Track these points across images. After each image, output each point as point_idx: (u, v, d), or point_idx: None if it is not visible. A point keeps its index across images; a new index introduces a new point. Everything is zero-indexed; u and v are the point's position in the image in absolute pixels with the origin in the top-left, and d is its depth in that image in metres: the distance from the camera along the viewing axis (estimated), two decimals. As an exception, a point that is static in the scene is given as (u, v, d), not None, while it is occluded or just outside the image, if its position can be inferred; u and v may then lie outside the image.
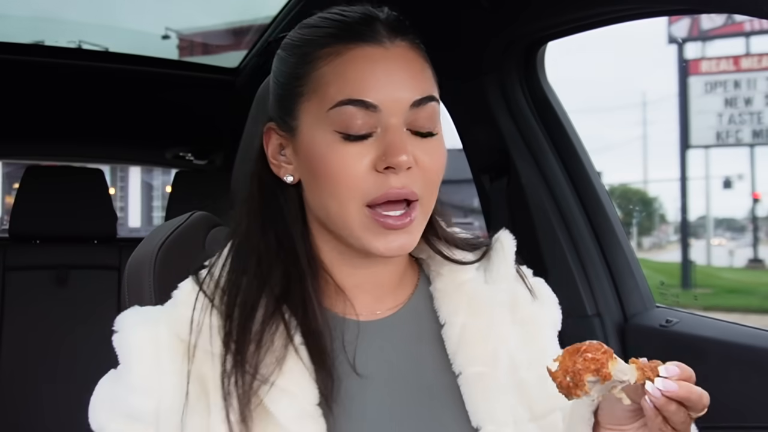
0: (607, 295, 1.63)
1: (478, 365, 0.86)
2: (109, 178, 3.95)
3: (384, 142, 0.80)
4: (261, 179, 0.89)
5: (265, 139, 0.89)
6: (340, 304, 0.88)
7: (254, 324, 0.82)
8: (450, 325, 0.89)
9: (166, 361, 0.81)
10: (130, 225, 17.99)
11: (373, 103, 0.80)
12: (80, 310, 2.43)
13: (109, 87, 2.43)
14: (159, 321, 0.83)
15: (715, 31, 17.71)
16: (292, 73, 0.86)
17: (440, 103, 0.86)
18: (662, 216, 28.02)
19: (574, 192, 1.67)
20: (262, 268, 0.85)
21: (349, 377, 0.84)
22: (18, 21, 2.66)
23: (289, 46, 0.89)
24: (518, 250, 0.97)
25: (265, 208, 0.88)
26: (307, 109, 0.84)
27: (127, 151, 3.28)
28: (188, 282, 0.87)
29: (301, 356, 0.81)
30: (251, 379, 0.79)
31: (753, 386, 1.32)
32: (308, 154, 0.83)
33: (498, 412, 0.84)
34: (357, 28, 0.84)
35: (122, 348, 0.82)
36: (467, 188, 2.06)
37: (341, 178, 0.80)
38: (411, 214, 0.82)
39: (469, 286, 0.91)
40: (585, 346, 0.75)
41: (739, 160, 35.80)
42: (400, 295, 0.92)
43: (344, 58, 0.82)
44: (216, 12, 3.01)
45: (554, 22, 1.51)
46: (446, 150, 0.87)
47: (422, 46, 0.88)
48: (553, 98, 1.70)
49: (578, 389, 0.74)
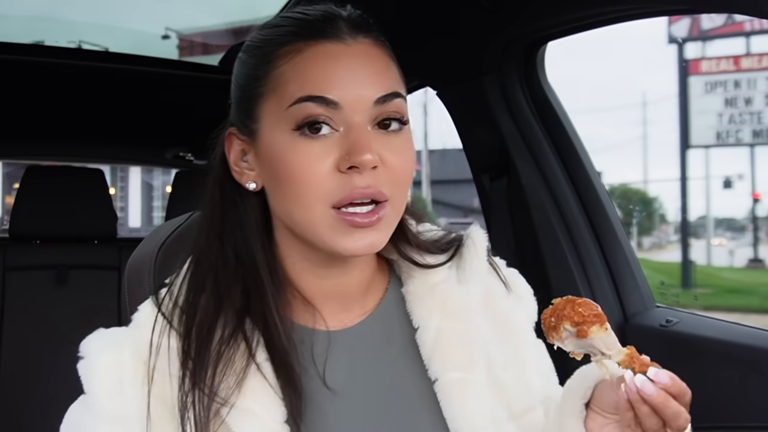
0: (607, 295, 1.63)
1: (454, 371, 0.84)
2: (109, 178, 3.95)
3: (347, 141, 0.77)
4: (222, 187, 0.86)
5: (227, 145, 0.86)
6: (309, 316, 0.86)
7: (212, 344, 0.79)
8: (424, 330, 0.87)
9: (130, 386, 0.79)
10: (130, 225, 18.00)
11: (334, 100, 0.77)
12: (80, 310, 2.43)
13: (109, 87, 2.42)
14: (123, 345, 0.81)
15: (715, 31, 17.71)
16: (251, 74, 0.83)
17: (406, 100, 0.83)
18: (662, 216, 28.05)
19: (574, 192, 1.67)
20: (219, 286, 0.82)
21: (319, 391, 0.81)
22: (18, 21, 2.67)
23: (250, 47, 0.86)
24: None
25: (226, 219, 0.85)
26: (266, 109, 0.81)
27: (127, 151, 3.28)
28: (148, 303, 0.85)
29: (264, 374, 0.79)
30: (209, 401, 0.77)
31: (753, 386, 1.32)
32: (269, 157, 0.80)
33: (477, 417, 0.83)
34: (318, 25, 0.81)
35: (87, 375, 0.80)
36: (467, 188, 2.06)
37: (304, 179, 0.77)
38: (379, 212, 0.78)
39: (442, 288, 0.89)
40: (581, 300, 0.77)
41: (739, 160, 35.84)
42: (369, 301, 0.89)
43: (304, 55, 0.79)
44: (216, 12, 3.01)
45: (554, 22, 1.51)
46: (415, 148, 0.84)
47: (387, 43, 0.85)
48: (553, 98, 1.70)
49: (555, 332, 0.76)
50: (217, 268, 0.83)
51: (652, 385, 0.72)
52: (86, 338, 0.82)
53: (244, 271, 0.83)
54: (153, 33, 2.94)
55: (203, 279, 0.83)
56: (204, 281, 0.83)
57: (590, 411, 0.81)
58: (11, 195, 12.18)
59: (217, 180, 0.87)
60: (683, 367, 1.45)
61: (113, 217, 2.65)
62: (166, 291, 0.85)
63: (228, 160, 0.86)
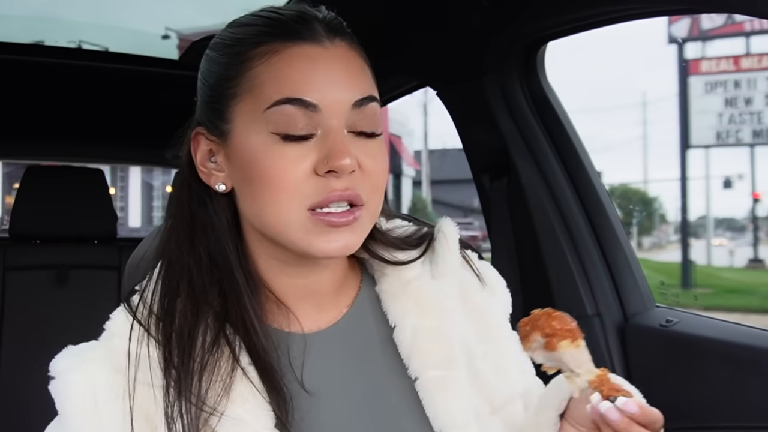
0: (607, 295, 1.63)
1: (434, 369, 0.84)
2: (109, 178, 3.95)
3: (325, 144, 0.76)
4: (190, 188, 0.84)
5: (193, 146, 0.84)
6: (283, 319, 0.85)
7: (195, 351, 0.77)
8: (401, 328, 0.86)
9: (105, 403, 0.76)
10: (130, 225, 17.99)
11: (313, 103, 0.76)
12: (80, 310, 2.43)
13: (109, 87, 2.43)
14: (95, 361, 0.78)
15: (715, 31, 17.70)
16: (222, 73, 0.81)
17: (380, 104, 0.83)
18: (662, 216, 28.06)
19: (574, 192, 1.67)
20: (195, 289, 0.80)
21: (298, 395, 0.80)
22: (18, 21, 2.66)
23: (220, 45, 0.84)
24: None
25: (195, 221, 0.83)
26: (240, 111, 0.79)
27: (127, 151, 3.27)
28: (121, 311, 0.82)
29: (250, 378, 0.77)
30: (197, 411, 0.74)
31: (753, 386, 1.32)
32: (243, 159, 0.79)
33: (459, 413, 0.82)
34: (294, 26, 0.80)
35: (59, 397, 0.77)
36: (467, 188, 2.06)
37: (280, 181, 0.76)
38: (355, 212, 0.78)
39: (415, 284, 0.88)
40: (558, 313, 0.77)
41: (739, 160, 35.86)
42: (342, 300, 0.88)
43: (282, 56, 0.78)
44: (216, 12, 3.00)
45: (554, 22, 1.51)
46: (387, 152, 0.83)
47: (360, 47, 0.84)
48: (553, 98, 1.70)
49: (527, 341, 0.77)
50: (191, 271, 0.81)
51: (616, 412, 0.72)
52: (55, 357, 0.79)
53: (219, 272, 0.81)
54: (153, 33, 2.93)
55: (177, 282, 0.81)
56: (178, 285, 0.81)
57: (565, 422, 0.82)
58: (11, 195, 12.18)
59: (184, 181, 0.85)
60: (683, 367, 1.46)
61: (113, 217, 2.65)
62: (139, 298, 0.82)
63: (194, 161, 0.84)
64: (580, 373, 0.75)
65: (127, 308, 0.81)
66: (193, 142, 0.84)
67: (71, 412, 0.77)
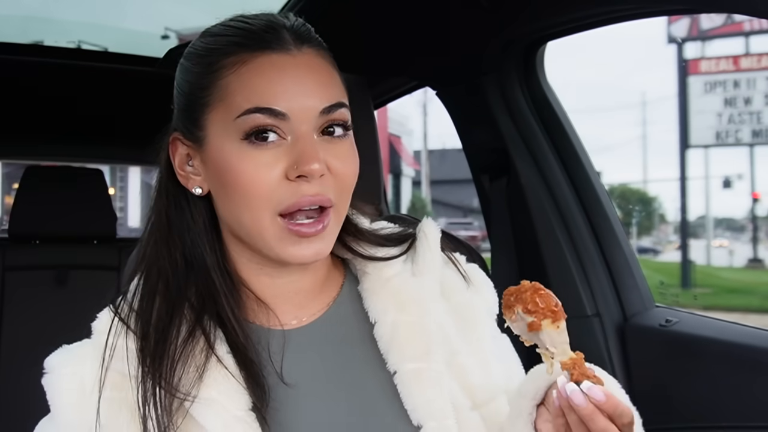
0: (607, 295, 1.63)
1: (412, 362, 0.86)
2: (109, 178, 3.95)
3: (295, 150, 0.79)
4: (168, 192, 0.87)
5: (171, 150, 0.87)
6: (263, 316, 0.87)
7: (169, 342, 0.80)
8: (381, 324, 0.88)
9: (92, 393, 0.80)
10: (130, 225, 17.98)
11: (281, 111, 0.79)
12: (80, 310, 2.42)
13: (109, 87, 2.43)
14: (85, 357, 0.83)
15: (714, 31, 17.70)
16: (195, 82, 0.84)
17: (349, 108, 0.85)
18: (662, 216, 28.06)
19: (574, 192, 1.67)
20: (171, 291, 0.83)
21: (277, 387, 0.82)
22: (17, 21, 2.66)
23: (193, 55, 0.86)
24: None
25: (172, 224, 0.86)
26: (213, 119, 0.82)
27: (127, 151, 3.27)
28: (106, 311, 0.87)
29: (226, 365, 0.80)
30: (170, 396, 0.78)
31: (753, 386, 1.32)
32: (217, 165, 0.82)
33: (437, 406, 0.84)
34: (262, 35, 0.82)
35: (50, 390, 0.82)
36: (467, 188, 2.06)
37: (252, 187, 0.79)
38: (324, 220, 0.81)
39: (395, 281, 0.90)
40: (545, 291, 0.77)
41: (739, 159, 35.88)
42: (324, 299, 0.91)
43: (250, 66, 0.81)
44: (216, 12, 3.01)
45: (554, 22, 1.52)
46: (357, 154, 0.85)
47: (329, 52, 0.87)
48: (553, 98, 1.71)
49: (508, 311, 0.77)
50: (167, 274, 0.84)
51: (581, 396, 0.72)
52: (50, 355, 0.84)
53: (195, 274, 0.84)
54: (152, 33, 2.93)
55: (155, 285, 0.84)
56: (156, 287, 0.84)
57: (543, 409, 0.82)
58: (11, 195, 12.17)
59: (162, 185, 0.88)
60: (683, 367, 1.46)
61: (113, 217, 2.65)
62: (122, 298, 0.87)
63: (173, 165, 0.87)
64: (554, 353, 0.75)
65: (111, 308, 0.86)
66: (171, 147, 0.87)
67: (62, 403, 0.81)
